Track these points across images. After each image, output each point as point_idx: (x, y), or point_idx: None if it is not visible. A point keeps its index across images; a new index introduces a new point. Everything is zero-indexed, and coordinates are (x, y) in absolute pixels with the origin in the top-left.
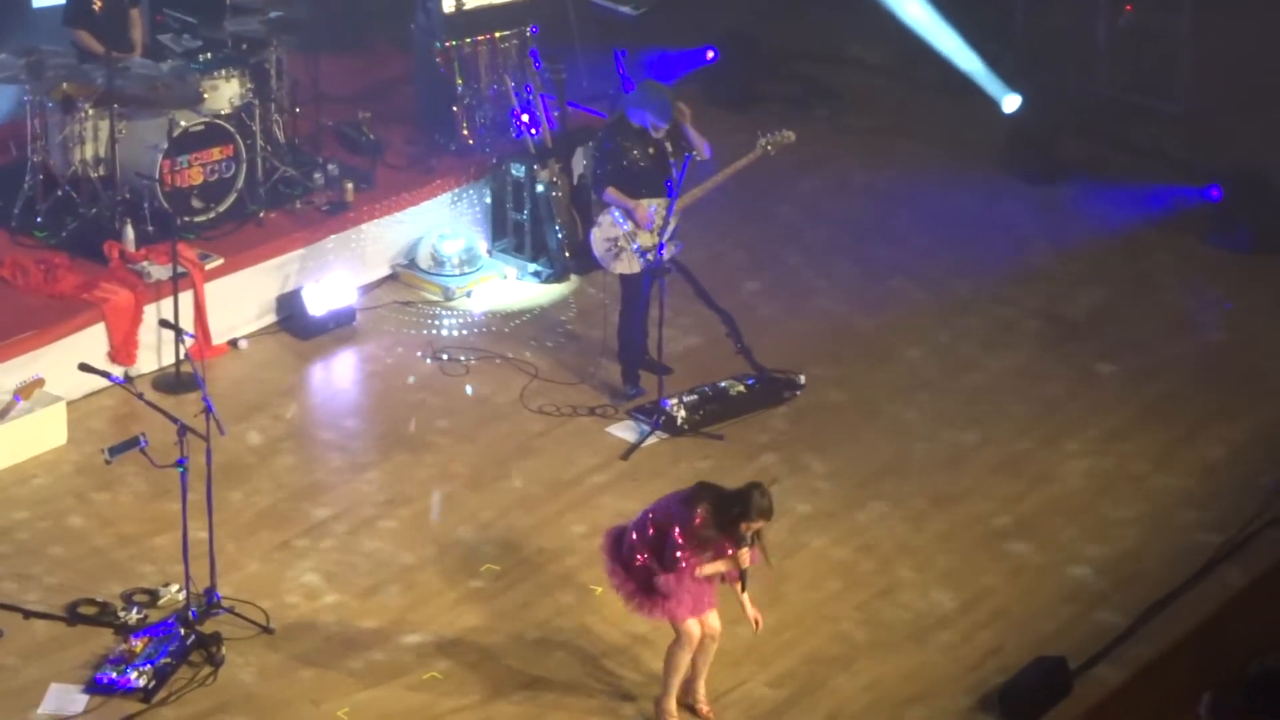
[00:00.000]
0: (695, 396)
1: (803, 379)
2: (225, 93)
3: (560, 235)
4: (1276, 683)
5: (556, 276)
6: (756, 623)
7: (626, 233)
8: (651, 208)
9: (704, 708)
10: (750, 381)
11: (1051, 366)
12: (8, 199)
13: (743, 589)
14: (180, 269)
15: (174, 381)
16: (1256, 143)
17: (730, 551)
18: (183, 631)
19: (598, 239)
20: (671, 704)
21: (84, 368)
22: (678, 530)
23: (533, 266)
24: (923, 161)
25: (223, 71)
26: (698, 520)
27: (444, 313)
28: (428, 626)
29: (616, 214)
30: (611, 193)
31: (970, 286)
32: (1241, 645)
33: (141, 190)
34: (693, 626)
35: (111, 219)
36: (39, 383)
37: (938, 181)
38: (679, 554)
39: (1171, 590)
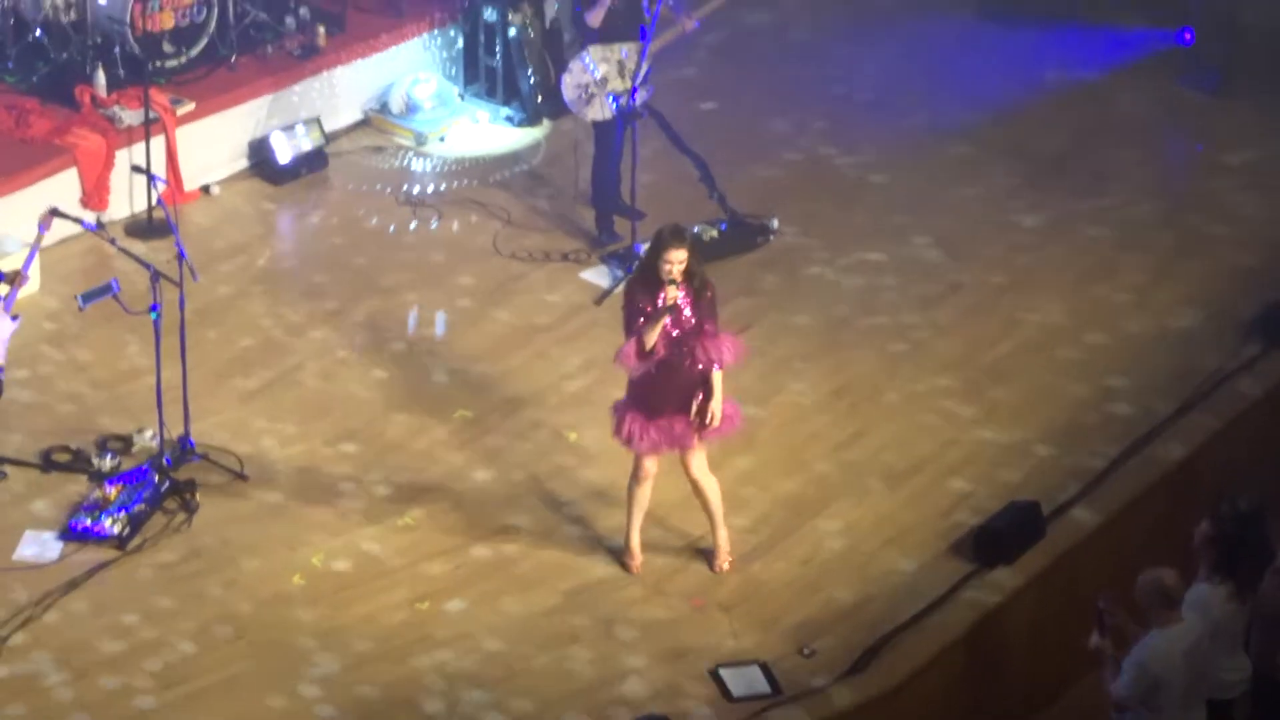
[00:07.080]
0: None
1: (775, 223)
2: None
3: (532, 80)
4: (1247, 521)
5: (529, 121)
6: (712, 417)
7: (598, 79)
8: (624, 51)
9: (720, 561)
10: (723, 226)
11: (1021, 206)
12: None
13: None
14: (152, 114)
15: (146, 227)
16: None
17: (661, 299)
18: (157, 478)
19: (568, 85)
20: (633, 540)
21: (55, 213)
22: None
23: (505, 111)
24: (890, 4)
25: None
26: (635, 277)
27: (416, 157)
28: (401, 473)
29: (587, 59)
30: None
31: (939, 128)
32: (1211, 485)
33: (113, 34)
34: (648, 464)
35: (83, 63)
36: (53, 212)
37: (906, 23)
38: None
39: (1133, 441)
